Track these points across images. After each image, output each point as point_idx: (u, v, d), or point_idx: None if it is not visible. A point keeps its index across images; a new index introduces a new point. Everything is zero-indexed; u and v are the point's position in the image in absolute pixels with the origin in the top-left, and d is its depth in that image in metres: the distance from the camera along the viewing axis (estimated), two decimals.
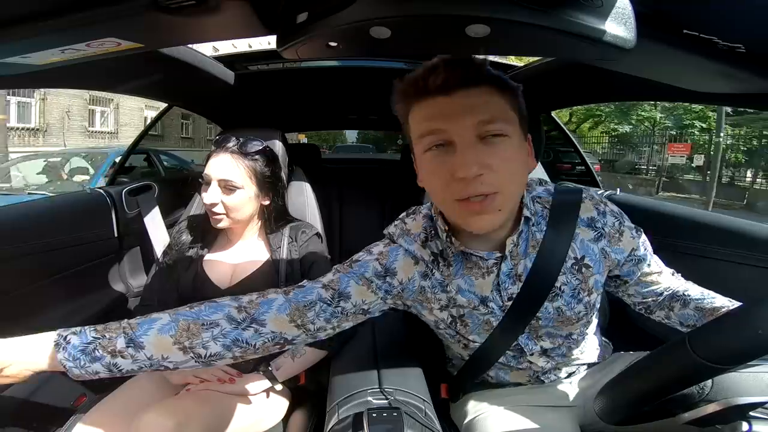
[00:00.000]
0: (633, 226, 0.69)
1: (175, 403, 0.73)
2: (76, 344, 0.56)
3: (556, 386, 0.80)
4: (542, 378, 0.77)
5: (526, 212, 0.64)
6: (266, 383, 0.87)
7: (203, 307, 0.61)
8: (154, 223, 1.28)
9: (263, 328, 0.60)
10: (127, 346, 0.57)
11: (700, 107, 9.09)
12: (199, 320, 0.59)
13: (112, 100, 11.45)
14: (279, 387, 0.91)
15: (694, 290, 0.71)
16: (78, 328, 0.58)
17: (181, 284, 0.94)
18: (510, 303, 0.65)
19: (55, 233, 1.03)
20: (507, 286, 0.66)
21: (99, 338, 0.57)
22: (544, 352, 0.72)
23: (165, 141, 11.11)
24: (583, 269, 0.66)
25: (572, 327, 0.70)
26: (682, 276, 0.76)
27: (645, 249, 0.70)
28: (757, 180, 8.67)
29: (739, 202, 7.93)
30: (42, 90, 9.89)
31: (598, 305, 0.72)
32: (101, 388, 1.03)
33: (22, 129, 9.87)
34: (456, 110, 0.54)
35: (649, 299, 0.74)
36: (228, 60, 1.42)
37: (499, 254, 0.65)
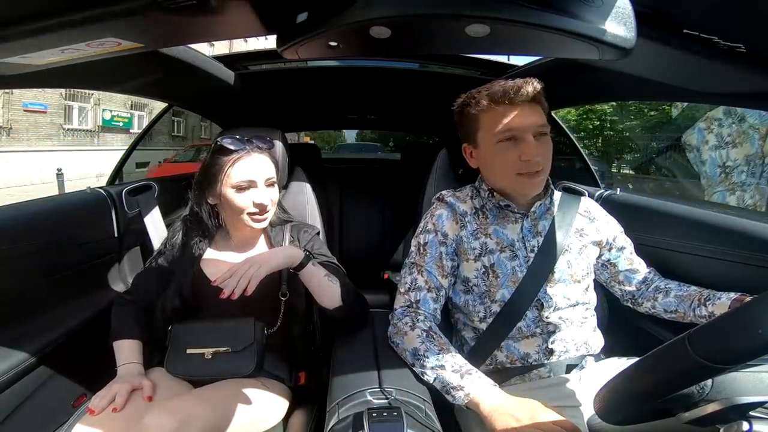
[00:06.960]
0: (616, 222, 0.96)
1: (176, 402, 0.73)
2: None
3: (563, 385, 0.81)
4: (548, 352, 0.83)
5: (551, 188, 0.91)
6: (267, 384, 0.87)
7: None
8: (154, 222, 1.28)
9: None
10: None
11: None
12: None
13: (147, 104, 12.03)
14: (279, 387, 0.91)
15: (673, 283, 0.90)
16: None
17: (179, 284, 0.93)
18: (533, 255, 0.86)
19: (55, 233, 1.03)
20: (529, 238, 0.87)
21: None
22: (558, 311, 0.85)
23: (188, 142, 11.80)
24: (583, 235, 0.91)
25: (577, 291, 0.87)
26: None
27: (626, 240, 0.95)
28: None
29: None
30: (96, 95, 10.52)
31: (592, 274, 0.92)
32: (101, 388, 1.04)
33: (80, 131, 10.51)
34: (525, 116, 0.81)
35: (634, 287, 0.94)
36: (228, 60, 1.42)
37: (525, 211, 0.88)
